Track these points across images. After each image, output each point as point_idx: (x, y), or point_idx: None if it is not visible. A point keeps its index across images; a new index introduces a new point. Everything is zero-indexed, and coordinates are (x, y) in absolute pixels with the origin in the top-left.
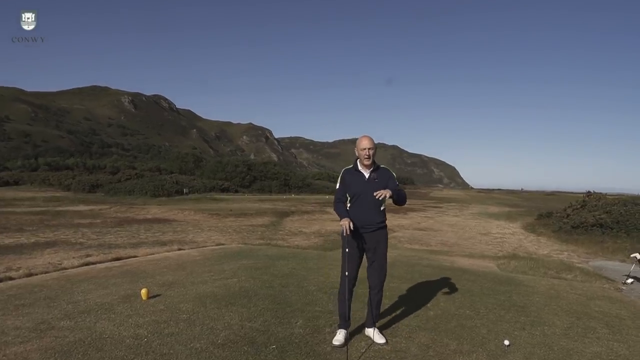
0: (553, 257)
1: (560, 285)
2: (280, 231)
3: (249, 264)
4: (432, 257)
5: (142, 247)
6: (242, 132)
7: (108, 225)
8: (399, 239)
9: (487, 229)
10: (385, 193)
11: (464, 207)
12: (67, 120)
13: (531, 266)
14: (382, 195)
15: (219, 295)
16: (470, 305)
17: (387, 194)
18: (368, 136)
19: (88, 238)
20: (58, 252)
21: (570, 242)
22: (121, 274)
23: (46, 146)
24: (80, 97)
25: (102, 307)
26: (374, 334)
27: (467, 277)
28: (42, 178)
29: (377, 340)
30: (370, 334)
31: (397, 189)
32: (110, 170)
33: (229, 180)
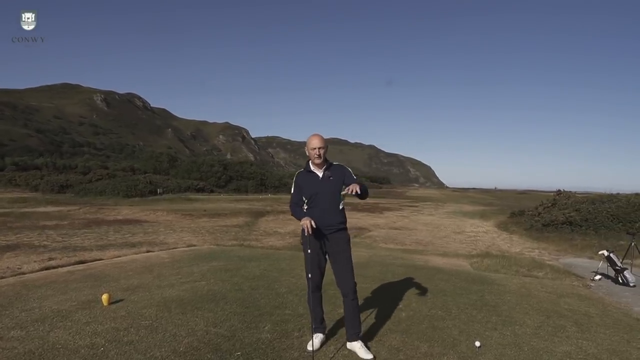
0: (525, 255)
1: (532, 283)
2: (254, 231)
3: (220, 266)
4: (407, 256)
5: (110, 249)
6: (218, 131)
7: (75, 227)
8: (374, 238)
9: (461, 228)
10: (353, 188)
11: (439, 206)
12: (35, 119)
13: (503, 264)
14: (353, 190)
15: (185, 300)
16: (443, 306)
17: (356, 188)
18: (318, 134)
19: (53, 240)
20: (18, 256)
21: (541, 239)
22: (83, 278)
23: (13, 145)
24: (50, 94)
25: (59, 315)
26: (359, 349)
27: (440, 276)
28: (8, 178)
29: (362, 356)
30: (355, 349)
31: (358, 181)
32: (82, 170)
33: (204, 180)
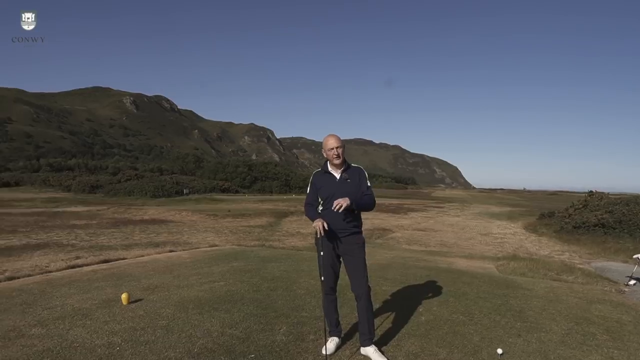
0: (554, 258)
1: (560, 288)
2: (277, 232)
3: (239, 266)
4: (430, 258)
5: (134, 248)
6: (243, 132)
7: (103, 226)
8: (398, 239)
9: (487, 229)
10: (342, 203)
11: (465, 207)
12: (69, 121)
13: (531, 267)
14: (339, 207)
15: (202, 300)
16: (465, 310)
17: (344, 204)
18: (334, 134)
19: (81, 239)
20: (47, 254)
21: (572, 242)
22: (106, 277)
23: (48, 147)
24: (82, 98)
25: (79, 313)
26: (372, 354)
27: (463, 279)
28: (42, 179)
29: None
30: (369, 354)
31: (366, 193)
32: (112, 171)
33: (229, 180)
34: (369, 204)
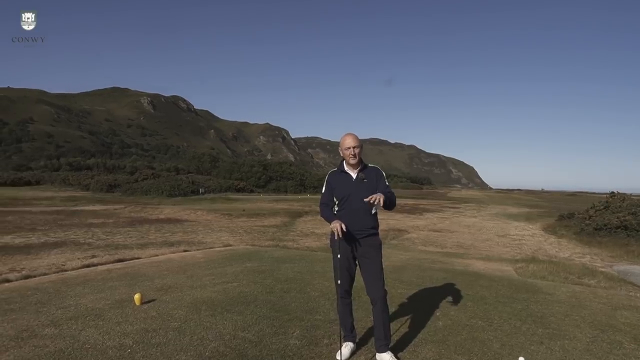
0: (574, 261)
1: (583, 292)
2: (291, 232)
3: (253, 267)
4: (446, 260)
5: (149, 247)
6: (259, 132)
7: (119, 225)
8: (413, 240)
9: (505, 231)
10: (377, 197)
11: (482, 208)
12: (88, 121)
13: (551, 270)
14: (375, 200)
15: (215, 301)
16: (484, 315)
17: (380, 199)
18: (351, 133)
19: (97, 238)
20: (64, 253)
21: (593, 244)
22: (120, 277)
23: (68, 147)
24: (101, 98)
25: (92, 313)
26: None
27: (481, 282)
28: (62, 178)
29: None
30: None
31: (387, 191)
32: (129, 170)
33: (244, 180)
34: (393, 201)
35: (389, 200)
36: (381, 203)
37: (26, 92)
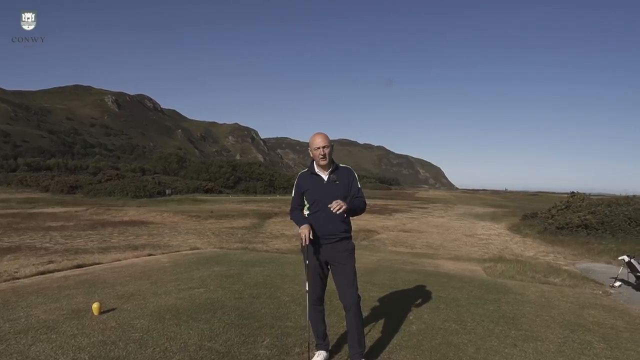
0: (540, 260)
1: (551, 292)
2: (260, 234)
3: (221, 271)
4: (417, 260)
5: (112, 252)
6: (227, 132)
7: (80, 228)
8: (383, 241)
9: (472, 230)
10: (340, 206)
11: (449, 208)
12: (48, 120)
13: (518, 270)
14: (339, 209)
15: (181, 309)
16: (457, 318)
17: (343, 207)
18: (321, 133)
19: (55, 242)
20: (18, 259)
21: (555, 243)
22: (78, 284)
23: (26, 146)
24: (62, 96)
25: (45, 326)
26: None
27: (453, 284)
28: (19, 179)
29: None
30: None
31: (358, 195)
32: (93, 171)
33: (212, 181)
34: (361, 208)
35: (354, 208)
36: (342, 210)
37: None
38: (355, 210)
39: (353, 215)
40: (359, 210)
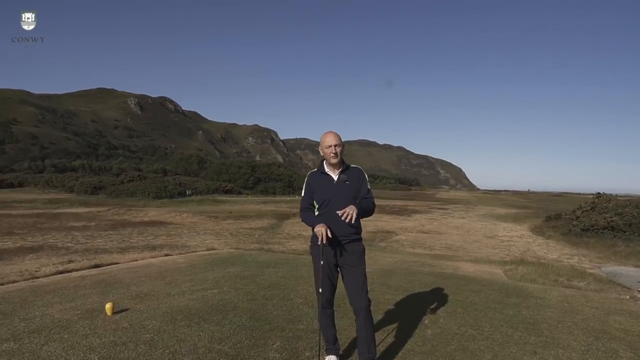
0: (563, 262)
1: (574, 296)
2: (278, 234)
3: (236, 272)
4: (435, 262)
5: (130, 252)
6: (247, 133)
7: (101, 228)
8: (402, 242)
9: (493, 232)
10: (350, 213)
11: (470, 209)
12: (74, 122)
13: (540, 273)
14: (348, 216)
15: (193, 310)
16: (474, 323)
17: (353, 214)
18: (333, 132)
19: (77, 242)
20: (40, 258)
21: (580, 245)
22: (94, 284)
23: (53, 148)
24: (87, 99)
25: (58, 325)
26: None
27: (471, 286)
28: (45, 180)
29: None
30: None
31: (367, 196)
32: (116, 172)
33: (232, 181)
34: (370, 210)
35: (364, 209)
36: (353, 220)
37: (9, 92)
38: (365, 212)
39: (362, 216)
40: (369, 212)
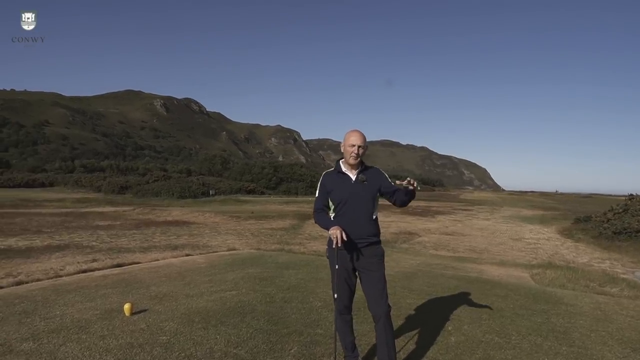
0: (594, 267)
1: (607, 303)
2: (299, 235)
3: (255, 273)
4: (459, 265)
5: (152, 251)
6: (270, 134)
7: (126, 227)
8: (424, 244)
9: (519, 234)
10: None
11: (495, 210)
12: (102, 124)
13: (570, 277)
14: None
15: (210, 312)
16: (500, 330)
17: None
18: (358, 131)
19: (101, 241)
20: (65, 256)
21: (612, 249)
22: (115, 284)
23: (83, 149)
24: (115, 100)
25: (77, 325)
26: None
27: (497, 291)
28: (75, 180)
29: None
30: None
31: (395, 188)
32: (142, 172)
33: (255, 182)
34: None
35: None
36: (415, 187)
37: (42, 95)
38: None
39: (408, 203)
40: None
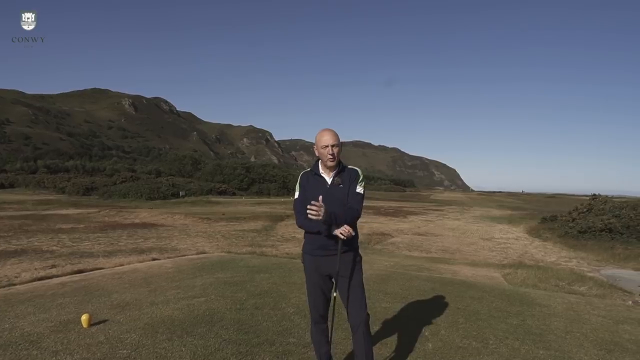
0: (562, 266)
1: (579, 303)
2: (271, 237)
3: (225, 278)
4: (433, 266)
5: (117, 256)
6: (242, 134)
7: (90, 230)
8: (397, 245)
9: (489, 234)
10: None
11: (465, 210)
12: (67, 123)
13: (540, 277)
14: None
15: (176, 321)
16: (478, 334)
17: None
18: (330, 129)
19: (63, 245)
20: (22, 262)
21: (578, 248)
22: (74, 292)
23: (46, 148)
24: (81, 99)
25: (27, 340)
26: None
27: (472, 293)
28: (37, 181)
29: None
30: None
31: (355, 199)
32: (109, 173)
33: (226, 182)
34: (354, 217)
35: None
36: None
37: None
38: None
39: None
40: (354, 219)
